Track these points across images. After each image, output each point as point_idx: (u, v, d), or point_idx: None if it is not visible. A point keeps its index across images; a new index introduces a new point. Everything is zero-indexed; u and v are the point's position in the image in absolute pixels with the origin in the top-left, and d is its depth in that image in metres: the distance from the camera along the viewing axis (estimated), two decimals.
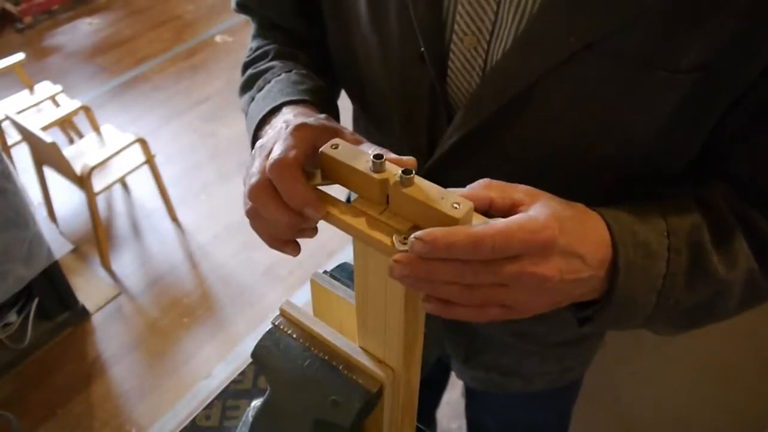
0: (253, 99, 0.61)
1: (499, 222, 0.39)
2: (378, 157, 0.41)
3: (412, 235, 0.38)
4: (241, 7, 0.69)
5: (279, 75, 0.61)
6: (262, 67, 0.64)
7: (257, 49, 0.68)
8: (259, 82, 0.62)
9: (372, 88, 0.61)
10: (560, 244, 0.40)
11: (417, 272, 0.38)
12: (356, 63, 0.61)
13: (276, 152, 0.44)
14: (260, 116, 0.56)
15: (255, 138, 0.57)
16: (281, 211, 0.43)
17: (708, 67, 0.44)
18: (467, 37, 0.51)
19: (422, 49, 0.52)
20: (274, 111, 0.56)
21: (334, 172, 0.44)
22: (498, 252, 0.38)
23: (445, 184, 0.40)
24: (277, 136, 0.47)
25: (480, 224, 0.39)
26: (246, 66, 0.68)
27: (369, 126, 0.68)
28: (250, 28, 0.74)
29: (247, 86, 0.65)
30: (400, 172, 0.40)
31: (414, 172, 0.40)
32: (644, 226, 0.46)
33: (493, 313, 0.42)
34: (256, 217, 0.47)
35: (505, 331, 0.74)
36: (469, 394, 1.05)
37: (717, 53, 0.44)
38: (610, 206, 0.47)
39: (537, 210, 0.42)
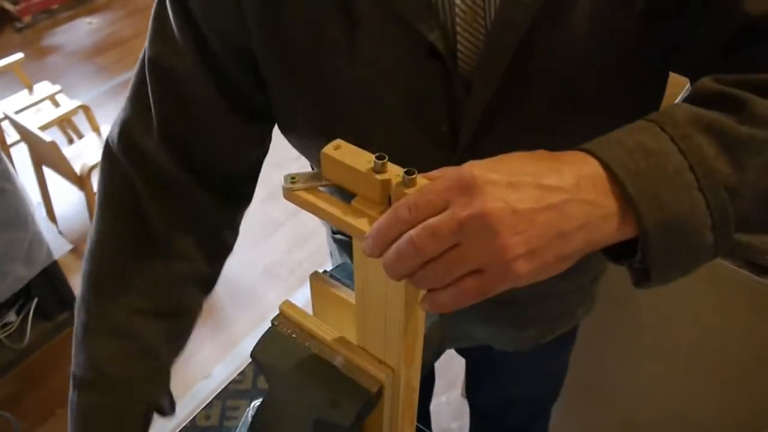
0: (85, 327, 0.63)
1: None
2: (380, 157, 0.41)
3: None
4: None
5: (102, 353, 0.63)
6: (87, 298, 0.63)
7: (101, 233, 0.64)
8: (87, 320, 0.63)
9: (355, 120, 0.57)
10: (485, 178, 0.37)
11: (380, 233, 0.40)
12: (340, 113, 0.57)
13: None
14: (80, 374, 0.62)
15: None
16: None
17: (653, 13, 0.48)
18: (469, 10, 0.51)
19: (432, 45, 0.51)
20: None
21: (335, 172, 0.44)
22: (418, 209, 0.38)
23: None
24: None
25: None
26: (90, 253, 0.64)
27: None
28: None
29: (81, 298, 0.64)
30: (402, 172, 0.40)
31: (416, 172, 0.40)
32: (629, 134, 0.40)
33: (468, 285, 0.38)
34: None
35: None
36: (470, 378, 1.11)
37: None
38: None
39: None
